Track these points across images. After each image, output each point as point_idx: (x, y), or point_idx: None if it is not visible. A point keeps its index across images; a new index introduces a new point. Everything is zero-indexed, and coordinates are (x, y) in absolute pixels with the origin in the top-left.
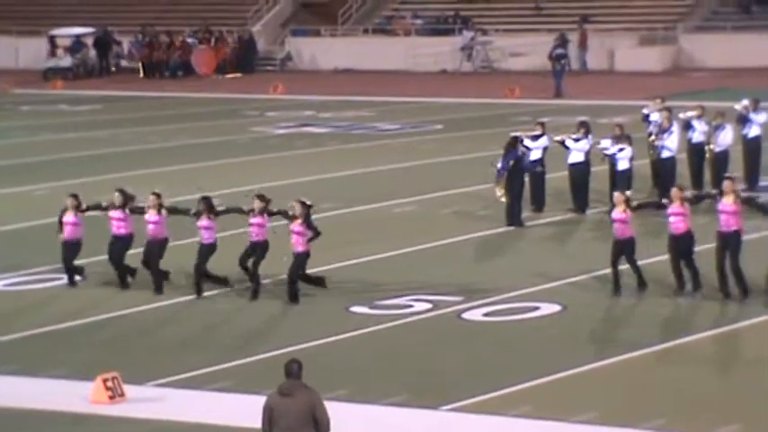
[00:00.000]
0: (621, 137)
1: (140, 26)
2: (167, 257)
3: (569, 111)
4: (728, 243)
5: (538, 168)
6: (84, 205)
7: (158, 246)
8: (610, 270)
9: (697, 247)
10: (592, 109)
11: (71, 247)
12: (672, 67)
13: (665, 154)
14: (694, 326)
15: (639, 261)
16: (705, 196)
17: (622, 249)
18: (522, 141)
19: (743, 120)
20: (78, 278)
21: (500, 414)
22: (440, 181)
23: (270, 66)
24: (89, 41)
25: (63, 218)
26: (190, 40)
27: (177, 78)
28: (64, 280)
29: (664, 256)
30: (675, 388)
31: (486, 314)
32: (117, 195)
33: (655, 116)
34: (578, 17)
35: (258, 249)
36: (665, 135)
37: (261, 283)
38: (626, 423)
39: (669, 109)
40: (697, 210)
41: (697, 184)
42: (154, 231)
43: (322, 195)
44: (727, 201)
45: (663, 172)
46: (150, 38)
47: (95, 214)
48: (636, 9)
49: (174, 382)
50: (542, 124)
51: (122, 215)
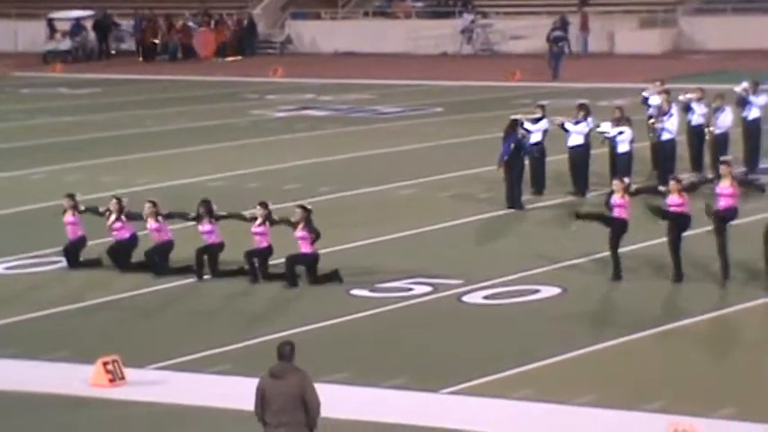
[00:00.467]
0: (621, 119)
1: (134, 9)
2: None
3: (569, 93)
4: (728, 222)
5: (535, 154)
6: (81, 206)
7: (164, 248)
8: (610, 255)
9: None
10: (592, 91)
11: (75, 246)
12: (672, 50)
13: (665, 136)
14: (693, 308)
15: (637, 245)
16: (702, 182)
17: (614, 226)
18: (523, 124)
19: (742, 102)
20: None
21: (500, 397)
22: (440, 164)
23: (270, 49)
24: (88, 24)
25: (63, 218)
26: (190, 24)
27: (177, 61)
28: (63, 263)
29: (662, 239)
30: (674, 371)
31: (486, 297)
32: (114, 203)
33: (654, 99)
34: (578, 0)
35: (264, 253)
36: (665, 117)
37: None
38: (625, 405)
39: (668, 91)
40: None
41: (697, 167)
42: (159, 237)
43: (322, 178)
44: (724, 184)
45: (662, 154)
46: (149, 21)
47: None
48: None
49: (175, 366)
50: (542, 107)
51: (120, 224)
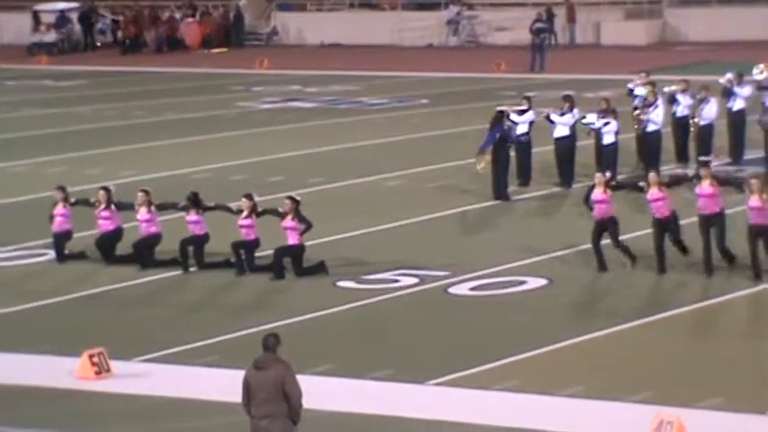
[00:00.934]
0: (607, 111)
1: (118, 1)
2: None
3: (555, 85)
4: (712, 224)
5: (524, 141)
6: (72, 198)
7: (151, 241)
8: (593, 250)
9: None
10: (578, 83)
11: (60, 239)
12: (657, 41)
13: (651, 128)
14: (679, 299)
15: (622, 236)
16: (682, 179)
17: (605, 229)
18: (509, 116)
19: (727, 93)
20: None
21: (486, 388)
22: (426, 155)
23: (256, 41)
24: (74, 16)
25: (53, 210)
26: (176, 15)
27: (163, 53)
28: (50, 255)
29: (646, 230)
30: (660, 361)
31: (472, 288)
32: (102, 193)
33: (640, 90)
34: None
35: (251, 245)
36: (651, 109)
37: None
38: (611, 396)
39: (654, 83)
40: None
41: (682, 158)
42: (146, 229)
43: (308, 170)
44: (704, 185)
45: (648, 146)
46: (134, 13)
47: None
48: None
49: (161, 358)
50: (528, 99)
51: (109, 213)
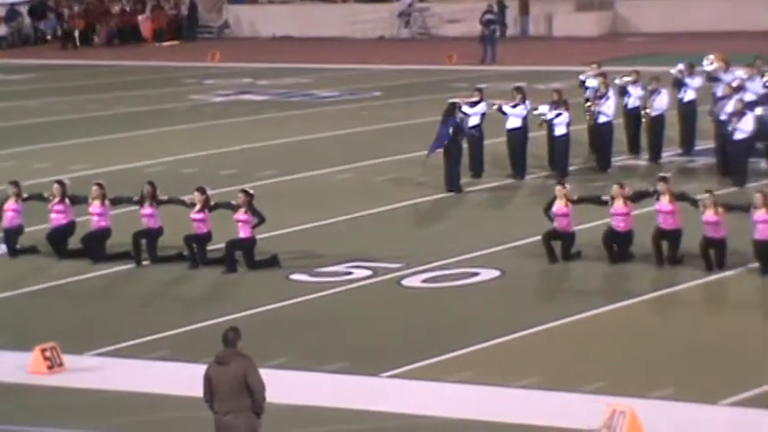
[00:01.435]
0: (559, 102)
1: None
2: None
3: (507, 77)
4: (667, 238)
5: (477, 133)
6: (25, 194)
7: (101, 235)
8: (543, 244)
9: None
10: (529, 74)
11: (12, 234)
12: (608, 33)
13: (602, 119)
14: (632, 290)
15: (576, 227)
16: (645, 194)
17: (560, 240)
18: (461, 108)
19: (678, 84)
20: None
21: (440, 380)
22: (378, 148)
23: (207, 33)
24: (23, 10)
25: (4, 205)
26: (127, 9)
27: (114, 46)
28: (1, 250)
29: (601, 221)
30: (613, 352)
31: (425, 280)
32: (56, 187)
33: (591, 82)
34: None
35: (203, 239)
36: (602, 100)
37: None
38: (565, 387)
39: (605, 74)
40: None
41: (634, 149)
42: (98, 222)
43: (260, 163)
44: (663, 201)
45: (600, 137)
46: (85, 6)
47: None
48: None
49: (113, 352)
50: (480, 90)
51: (62, 207)
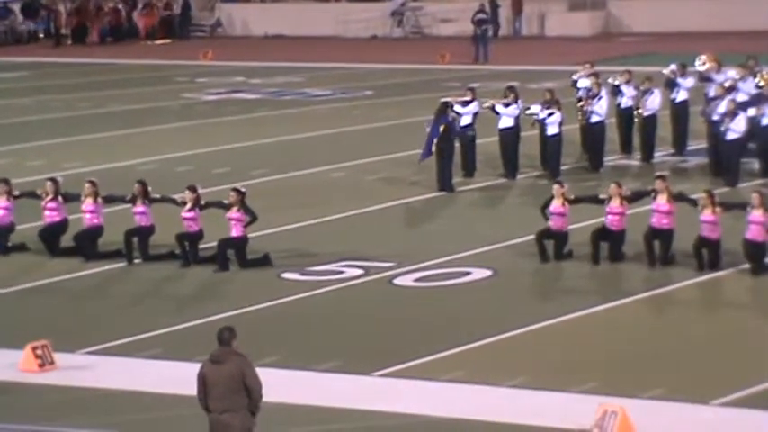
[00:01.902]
0: (551, 102)
1: None
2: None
3: (499, 76)
4: (659, 238)
5: (469, 132)
6: (16, 191)
7: (93, 233)
8: (535, 243)
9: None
10: (522, 74)
11: (2, 232)
12: (601, 33)
13: (595, 119)
14: (623, 290)
15: (568, 227)
16: (643, 194)
17: (553, 239)
18: (453, 107)
19: (671, 84)
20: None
21: (432, 379)
22: (371, 147)
23: (200, 32)
24: (16, 8)
25: None
26: (119, 7)
27: (106, 44)
28: None
29: (594, 221)
30: (604, 352)
31: (417, 279)
32: (49, 185)
33: (583, 81)
34: None
35: (195, 237)
36: (594, 100)
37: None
38: (556, 387)
39: (597, 74)
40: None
41: (626, 149)
42: (90, 220)
43: (252, 162)
44: (660, 200)
45: (592, 137)
46: (77, 4)
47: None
48: None
49: (105, 350)
50: (472, 90)
51: (55, 204)
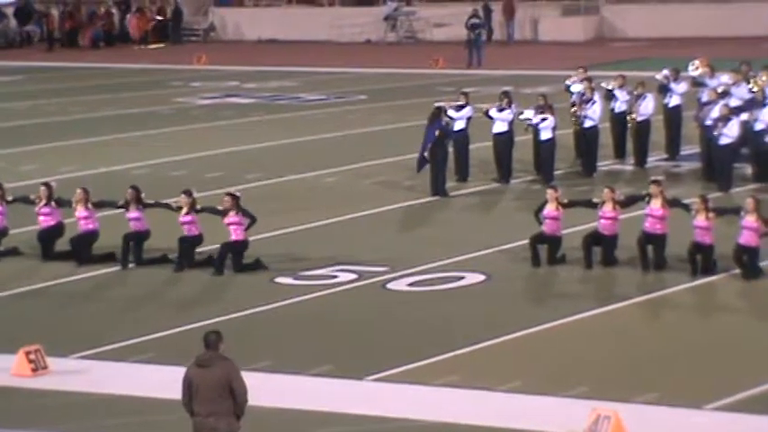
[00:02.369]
0: (545, 107)
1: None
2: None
3: (493, 81)
4: (653, 243)
5: (461, 134)
6: (9, 196)
7: (89, 238)
8: (529, 247)
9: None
10: (515, 79)
11: None
12: (594, 38)
13: (588, 124)
14: (617, 294)
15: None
16: (637, 199)
17: (546, 243)
18: (446, 111)
19: (664, 89)
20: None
21: (425, 384)
22: (364, 151)
23: (193, 36)
24: (9, 12)
25: None
26: (113, 11)
27: (100, 49)
28: None
29: (587, 225)
30: (597, 356)
31: (410, 284)
32: (43, 189)
33: (577, 86)
34: None
35: (195, 242)
36: (588, 105)
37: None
38: (549, 391)
39: (591, 79)
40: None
41: (620, 154)
42: (85, 225)
43: (246, 166)
44: (654, 205)
45: (586, 142)
46: (70, 8)
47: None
48: None
49: (98, 354)
50: (466, 94)
51: (49, 209)
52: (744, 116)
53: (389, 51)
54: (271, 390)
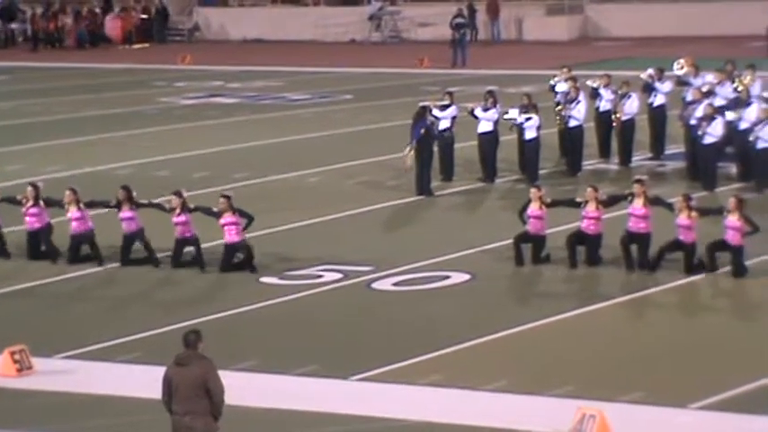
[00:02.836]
0: (529, 106)
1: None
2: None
3: (478, 80)
4: (637, 242)
5: (446, 134)
6: None
7: (85, 238)
8: (513, 246)
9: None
10: (500, 78)
11: None
12: (579, 37)
13: (573, 123)
14: (602, 294)
15: (546, 231)
16: (620, 198)
17: (530, 242)
18: (431, 111)
19: (648, 88)
20: None
21: (410, 383)
22: (349, 151)
23: (178, 36)
24: None
25: None
26: (97, 10)
27: (84, 49)
28: None
29: (572, 224)
30: (583, 355)
31: (395, 284)
32: (30, 190)
33: (561, 86)
34: None
35: (190, 242)
36: (573, 104)
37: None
38: (534, 391)
39: (576, 78)
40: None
41: (604, 153)
42: (77, 227)
43: (231, 166)
44: (637, 204)
45: (570, 141)
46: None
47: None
48: None
49: (83, 354)
50: (451, 94)
51: (37, 210)
52: (728, 115)
53: (374, 51)
54: (256, 389)
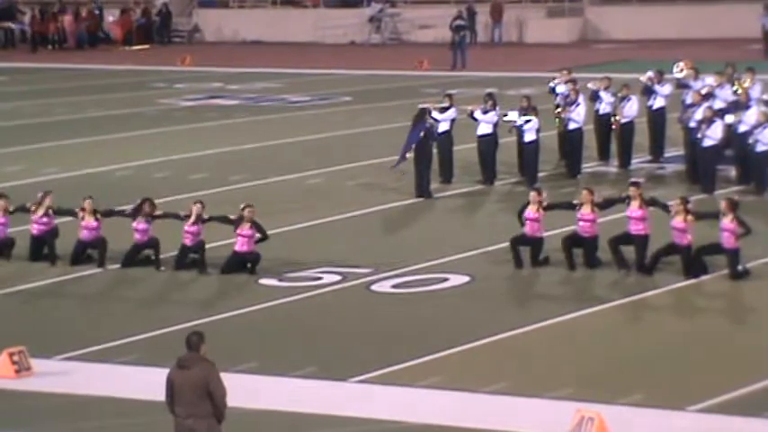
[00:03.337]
0: (528, 108)
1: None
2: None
3: (477, 83)
4: (634, 244)
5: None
6: (11, 207)
7: (93, 246)
8: (510, 249)
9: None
10: (500, 81)
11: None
12: (578, 39)
13: (572, 125)
14: (600, 296)
15: (545, 233)
16: (615, 201)
17: (528, 245)
18: (431, 113)
19: (648, 91)
20: None
21: (409, 386)
22: (349, 153)
23: (178, 37)
24: None
25: None
26: (97, 12)
27: (84, 50)
28: None
29: (570, 227)
30: (582, 358)
31: (394, 286)
32: (40, 196)
33: (561, 88)
34: None
35: (192, 250)
36: (572, 107)
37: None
38: (534, 393)
39: (575, 81)
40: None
41: (604, 156)
42: (87, 235)
43: (231, 168)
44: (633, 206)
45: (570, 144)
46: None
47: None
48: None
49: (82, 356)
50: (450, 96)
51: (47, 219)
52: (728, 118)
53: (374, 53)
54: (255, 391)
